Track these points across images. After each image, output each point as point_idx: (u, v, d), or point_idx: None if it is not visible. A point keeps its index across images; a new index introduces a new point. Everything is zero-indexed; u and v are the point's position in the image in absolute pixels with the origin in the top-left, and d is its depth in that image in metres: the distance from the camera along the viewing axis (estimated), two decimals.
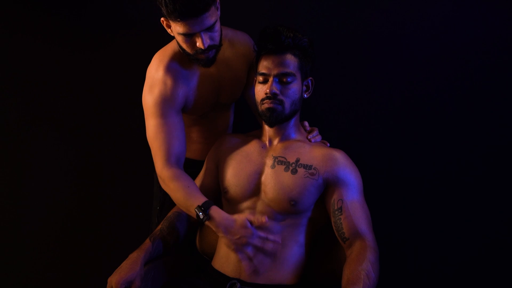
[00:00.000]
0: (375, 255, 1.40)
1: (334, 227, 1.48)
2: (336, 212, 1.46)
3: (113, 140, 2.09)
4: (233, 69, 1.66)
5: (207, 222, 1.45)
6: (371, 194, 1.57)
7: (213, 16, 1.42)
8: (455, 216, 1.87)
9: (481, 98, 1.82)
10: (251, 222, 1.42)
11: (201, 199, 1.47)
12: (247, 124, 1.81)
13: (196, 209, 1.45)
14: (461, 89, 1.83)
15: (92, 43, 2.06)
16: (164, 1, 1.38)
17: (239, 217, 1.43)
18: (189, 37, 1.45)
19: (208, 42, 1.45)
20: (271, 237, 1.44)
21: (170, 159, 1.53)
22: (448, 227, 1.87)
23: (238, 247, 1.43)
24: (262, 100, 1.49)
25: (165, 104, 1.53)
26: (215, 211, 1.45)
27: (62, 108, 2.10)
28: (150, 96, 1.54)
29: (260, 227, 1.42)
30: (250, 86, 1.75)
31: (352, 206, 1.46)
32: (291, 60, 1.48)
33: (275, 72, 1.47)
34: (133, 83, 1.65)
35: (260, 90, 1.50)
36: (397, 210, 1.90)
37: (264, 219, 1.41)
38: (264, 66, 1.49)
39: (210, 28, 1.43)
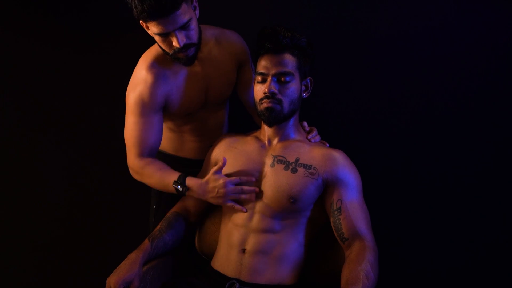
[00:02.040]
0: (374, 255, 1.40)
1: (333, 227, 1.48)
2: (336, 212, 1.46)
3: (112, 140, 2.07)
4: (221, 68, 1.65)
5: (188, 193, 1.53)
6: (371, 194, 1.56)
7: (186, 14, 1.42)
8: (455, 216, 1.87)
9: (482, 98, 1.82)
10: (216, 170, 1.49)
11: (176, 174, 1.54)
12: (243, 123, 1.80)
13: (173, 185, 1.53)
14: (461, 89, 1.83)
15: (92, 44, 2.06)
16: (133, 3, 1.38)
17: (209, 175, 1.51)
18: (164, 36, 1.45)
19: (184, 40, 1.45)
20: (243, 178, 1.49)
21: (143, 153, 1.58)
22: (448, 227, 1.87)
23: (221, 199, 1.49)
24: (261, 99, 1.49)
25: (144, 103, 1.55)
26: (191, 180, 1.52)
27: (61, 108, 2.11)
28: (132, 94, 1.56)
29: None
30: (244, 86, 1.74)
31: (351, 207, 1.46)
32: (289, 59, 1.48)
33: (273, 71, 1.47)
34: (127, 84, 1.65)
35: (259, 90, 1.50)
36: (397, 210, 1.90)
37: (222, 159, 1.50)
38: (262, 65, 1.49)
39: (184, 27, 1.43)
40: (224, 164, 1.49)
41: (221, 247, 1.55)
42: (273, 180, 1.49)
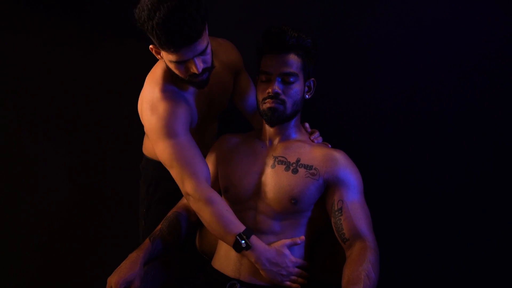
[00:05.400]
0: (376, 255, 1.40)
1: (334, 228, 1.48)
2: (336, 213, 1.46)
3: (112, 141, 2.10)
4: (221, 81, 1.64)
5: (245, 252, 1.43)
6: (372, 195, 1.56)
7: (204, 40, 1.38)
8: (456, 217, 1.87)
9: (482, 100, 1.82)
10: (289, 246, 1.46)
11: (241, 227, 1.45)
12: (235, 128, 1.79)
13: (237, 237, 1.42)
14: (462, 90, 1.83)
15: (94, 45, 2.06)
16: (155, 33, 1.31)
17: (279, 246, 1.45)
18: (182, 64, 1.41)
19: (202, 66, 1.41)
20: (307, 264, 1.48)
21: (200, 178, 1.46)
22: (448, 227, 1.88)
23: (282, 278, 1.43)
24: (264, 99, 1.49)
25: (173, 121, 1.46)
26: (256, 241, 1.44)
27: (60, 109, 2.11)
28: (155, 117, 1.47)
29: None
30: (240, 94, 1.75)
31: (352, 207, 1.46)
32: (294, 60, 1.47)
33: (278, 71, 1.47)
34: (128, 86, 1.64)
35: (263, 89, 1.50)
36: (398, 210, 1.91)
37: (301, 237, 1.47)
38: (267, 65, 1.48)
39: (202, 52, 1.40)
40: (300, 242, 1.46)
41: (221, 246, 1.55)
42: (274, 181, 1.49)
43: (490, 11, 1.79)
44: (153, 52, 1.44)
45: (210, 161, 1.64)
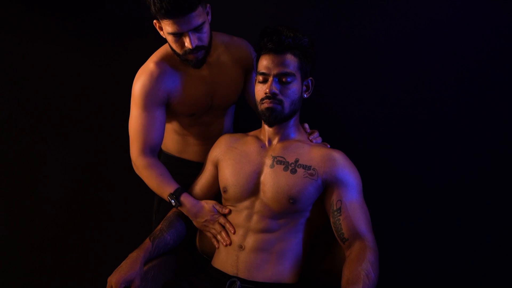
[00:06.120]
0: (375, 255, 1.40)
1: (333, 228, 1.48)
2: (335, 213, 1.46)
3: (114, 138, 2.08)
4: (229, 74, 1.68)
5: (179, 208, 1.61)
6: (371, 195, 1.56)
7: (200, 17, 1.47)
8: (455, 216, 1.87)
9: (482, 100, 1.81)
10: (218, 210, 1.59)
11: (173, 187, 1.61)
12: (247, 127, 1.80)
13: (168, 196, 1.60)
14: (461, 90, 1.83)
15: (95, 46, 2.07)
16: (152, 1, 1.44)
17: (207, 204, 1.60)
18: (177, 36, 1.50)
19: (196, 42, 1.50)
20: (228, 225, 1.56)
21: (145, 149, 1.62)
22: (448, 227, 1.87)
23: (204, 228, 1.60)
24: (262, 99, 1.50)
25: (147, 95, 1.58)
26: (186, 197, 1.60)
27: (63, 108, 2.12)
28: (136, 85, 1.60)
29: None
30: (249, 91, 1.76)
31: (351, 207, 1.46)
32: (291, 60, 1.48)
33: (274, 72, 1.47)
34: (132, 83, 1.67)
35: (260, 90, 1.51)
36: (397, 210, 1.90)
37: (226, 210, 1.57)
38: (263, 65, 1.49)
39: (198, 29, 1.49)
40: (228, 213, 1.57)
41: (221, 246, 1.56)
42: (273, 181, 1.50)
43: (490, 11, 1.78)
44: (157, 28, 1.55)
45: (210, 160, 1.66)
